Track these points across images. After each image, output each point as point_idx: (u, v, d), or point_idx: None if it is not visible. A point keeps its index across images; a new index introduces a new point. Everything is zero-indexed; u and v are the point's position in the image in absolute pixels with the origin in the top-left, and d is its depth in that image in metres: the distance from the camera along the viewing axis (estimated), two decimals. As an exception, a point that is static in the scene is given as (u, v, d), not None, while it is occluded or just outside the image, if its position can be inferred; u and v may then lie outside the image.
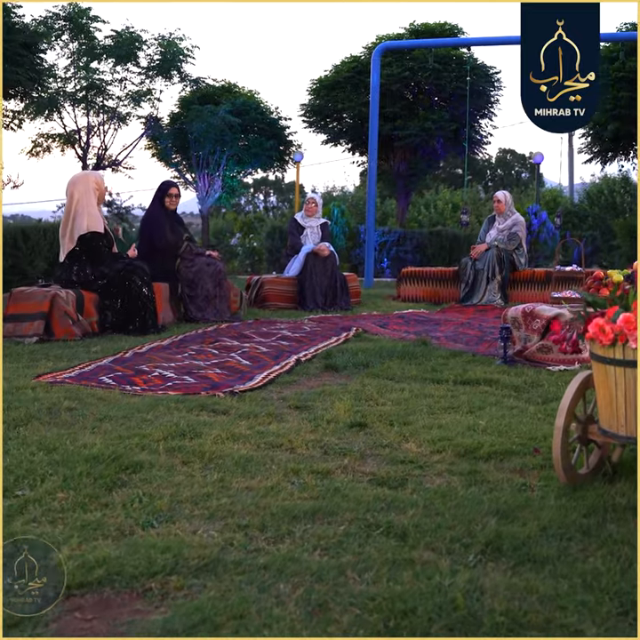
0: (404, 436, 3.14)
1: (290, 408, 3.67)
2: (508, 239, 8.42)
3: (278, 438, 3.08)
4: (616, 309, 2.37)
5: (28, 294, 5.63)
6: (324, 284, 8.05)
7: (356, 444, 3.05)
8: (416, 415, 3.50)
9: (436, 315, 7.65)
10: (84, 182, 5.85)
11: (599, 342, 2.35)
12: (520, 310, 5.00)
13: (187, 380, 4.25)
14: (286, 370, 4.57)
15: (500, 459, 2.87)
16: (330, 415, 3.46)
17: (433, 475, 2.69)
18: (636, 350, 2.28)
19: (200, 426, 3.23)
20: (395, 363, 4.78)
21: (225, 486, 2.55)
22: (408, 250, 12.94)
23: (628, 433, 2.38)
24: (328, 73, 13.62)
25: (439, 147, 12.98)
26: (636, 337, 2.25)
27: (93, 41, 12.60)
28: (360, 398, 3.84)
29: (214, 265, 6.98)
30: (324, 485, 2.55)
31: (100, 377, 4.28)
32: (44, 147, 13.22)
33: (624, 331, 2.28)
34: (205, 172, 13.67)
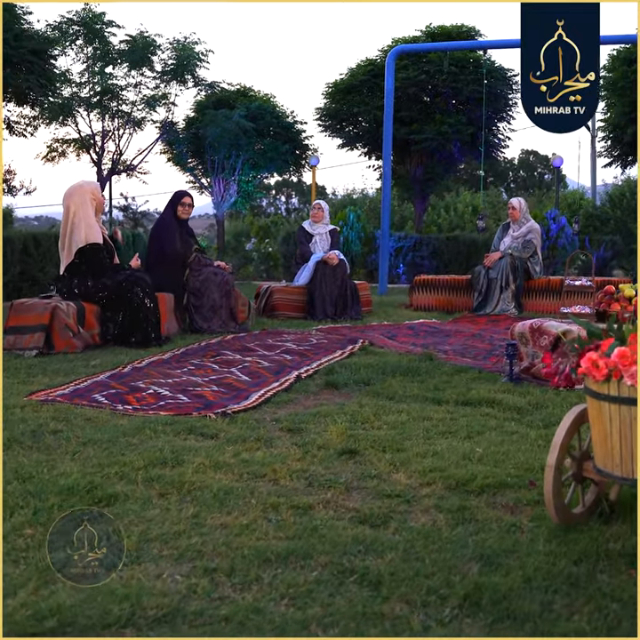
0: (394, 466, 3.01)
1: (282, 431, 3.56)
2: (522, 247, 8.23)
3: (263, 467, 2.96)
4: (611, 342, 2.22)
5: (28, 306, 5.58)
6: (334, 293, 7.93)
7: (344, 474, 2.92)
8: (411, 440, 3.36)
9: (447, 325, 7.49)
10: (80, 193, 5.78)
11: (592, 378, 2.20)
12: (527, 326, 4.84)
13: (180, 398, 4.15)
14: (285, 387, 4.46)
15: (493, 492, 2.73)
16: (321, 440, 3.34)
17: (419, 511, 2.56)
18: (632, 387, 2.13)
19: (184, 452, 3.12)
20: (397, 380, 4.65)
21: (199, 523, 2.44)
22: (424, 255, 12.76)
23: (624, 473, 2.23)
24: (344, 76, 13.48)
25: (456, 151, 12.79)
26: (632, 373, 2.10)
27: (108, 46, 12.60)
28: (356, 420, 3.71)
29: (221, 275, 6.88)
30: (302, 523, 2.43)
31: (94, 394, 4.20)
32: (59, 152, 13.25)
33: (618, 366, 2.13)
34: (221, 176, 13.61)
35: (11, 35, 9.07)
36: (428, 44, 11.72)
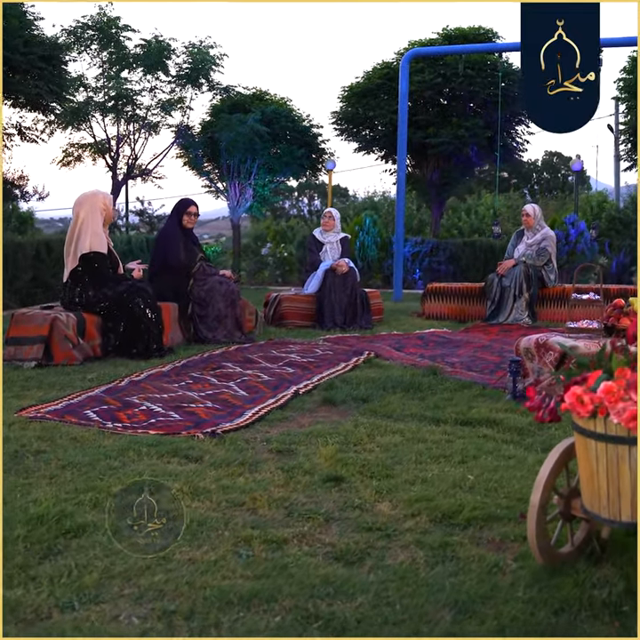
0: (380, 494, 2.89)
1: (270, 452, 3.45)
2: (536, 254, 8.05)
3: (243, 495, 2.86)
4: (598, 375, 2.08)
5: (29, 317, 5.53)
6: (343, 301, 7.81)
7: (326, 503, 2.81)
8: (402, 465, 3.24)
9: (458, 335, 7.34)
10: (92, 202, 5.73)
11: (576, 414, 2.06)
12: (533, 341, 4.68)
13: (172, 416, 4.06)
14: (280, 404, 4.35)
15: (480, 526, 2.60)
16: (309, 464, 3.23)
17: (399, 547, 2.44)
18: (620, 425, 1.99)
19: (164, 477, 3.03)
20: (397, 396, 4.53)
21: (167, 557, 2.34)
22: (441, 260, 12.59)
23: (611, 516, 2.09)
24: (360, 79, 13.35)
25: (473, 155, 12.60)
26: (619, 410, 1.96)
27: (124, 50, 12.60)
28: (348, 442, 3.59)
29: (227, 284, 6.80)
30: (272, 560, 2.32)
31: (86, 410, 4.13)
32: (75, 156, 13.28)
33: (604, 403, 1.99)
34: (236, 180, 13.55)
35: (20, 41, 9.08)
36: (442, 47, 11.55)
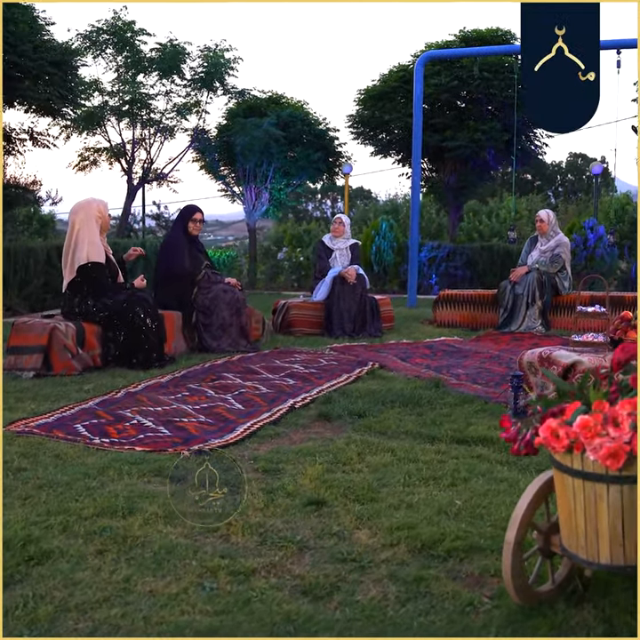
0: (361, 520, 2.78)
1: (256, 472, 3.36)
2: (550, 261, 7.87)
3: (218, 520, 2.77)
4: (576, 407, 1.95)
5: (29, 326, 5.50)
6: (352, 309, 7.69)
7: (303, 530, 2.70)
8: (389, 488, 3.13)
9: (468, 344, 7.19)
10: (86, 210, 5.67)
11: (551, 449, 1.94)
12: (537, 355, 4.54)
13: (162, 431, 3.98)
14: (274, 419, 4.26)
15: (460, 558, 2.48)
16: (292, 486, 3.13)
17: (371, 581, 2.33)
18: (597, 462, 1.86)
19: (141, 499, 2.94)
20: (395, 412, 4.41)
21: (127, 588, 2.26)
22: (458, 265, 12.42)
23: (589, 556, 1.96)
24: (376, 82, 13.22)
25: (490, 158, 12.41)
26: (596, 447, 1.84)
27: (139, 54, 12.61)
28: (337, 461, 3.49)
29: (232, 292, 6.72)
30: (237, 593, 2.23)
31: (76, 424, 4.07)
32: (90, 160, 13.32)
33: (580, 438, 1.86)
34: (252, 184, 13.50)
35: (30, 47, 9.09)
36: (456, 50, 11.38)
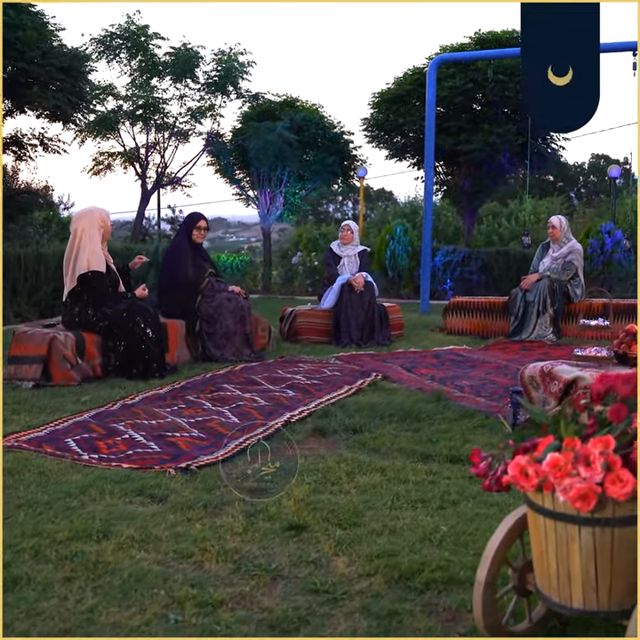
0: (340, 547, 2.70)
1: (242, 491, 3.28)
2: (562, 268, 7.71)
3: (194, 545, 2.70)
4: (549, 443, 1.85)
5: (29, 336, 5.48)
6: (360, 317, 7.59)
7: (279, 557, 2.63)
8: (374, 511, 3.04)
9: (476, 353, 7.07)
10: (89, 218, 5.64)
11: (520, 488, 1.84)
12: (538, 369, 4.42)
13: (152, 447, 3.93)
14: (269, 433, 4.19)
15: (438, 590, 2.39)
16: (275, 508, 3.05)
17: (342, 615, 2.25)
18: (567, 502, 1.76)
19: (118, 521, 2.88)
20: (391, 427, 4.32)
21: (91, 619, 2.20)
22: (473, 270, 12.26)
23: (562, 600, 1.87)
24: (390, 85, 13.10)
25: (505, 162, 12.24)
26: (565, 487, 1.74)
27: (153, 58, 12.62)
28: (326, 481, 3.41)
29: (236, 300, 6.66)
30: (201, 626, 2.16)
31: (67, 439, 4.04)
32: (105, 164, 13.36)
33: (549, 478, 1.77)
34: (267, 189, 13.45)
35: (38, 53, 9.11)
36: (470, 53, 11.23)
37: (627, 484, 1.69)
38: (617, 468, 1.71)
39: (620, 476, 1.70)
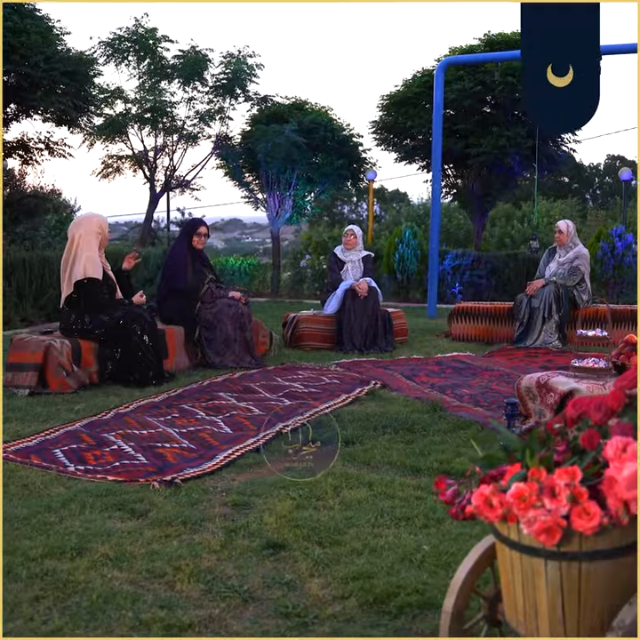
0: (317, 567, 2.64)
1: (224, 506, 3.24)
2: (568, 274, 7.60)
3: (168, 563, 2.65)
4: (515, 472, 1.78)
5: (25, 343, 5.47)
6: (363, 323, 7.52)
7: (253, 577, 2.58)
8: (357, 529, 2.98)
9: (479, 360, 6.97)
10: (87, 225, 5.62)
11: (484, 519, 1.77)
12: (535, 380, 4.34)
13: (139, 458, 3.89)
14: (260, 444, 4.14)
15: (413, 615, 2.33)
16: (256, 525, 3.00)
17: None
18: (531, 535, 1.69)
19: (95, 537, 2.85)
20: (384, 439, 4.25)
21: (54, 644, 2.16)
22: (482, 274, 12.15)
23: (528, 633, 1.79)
24: (399, 88, 13.02)
25: (515, 165, 12.11)
26: (529, 519, 1.67)
27: (162, 61, 12.63)
28: (311, 496, 3.35)
29: (236, 306, 6.61)
30: (165, 654, 2.11)
31: (55, 449, 4.01)
32: (114, 167, 13.39)
33: (513, 509, 1.69)
34: (276, 192, 13.41)
35: (41, 57, 9.11)
36: (477, 55, 11.13)
37: (593, 517, 1.62)
38: (583, 501, 1.64)
39: (586, 508, 1.63)
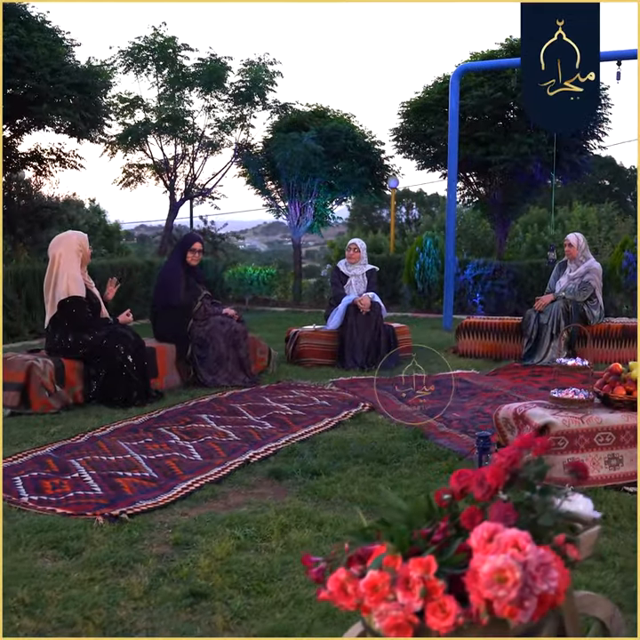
0: (232, 622, 2.53)
1: (164, 545, 3.14)
2: (579, 289, 7.31)
3: (81, 612, 2.56)
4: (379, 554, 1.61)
5: (9, 362, 5.45)
6: (365, 339, 7.35)
7: (163, 632, 2.46)
8: (290, 576, 2.85)
9: (482, 379, 6.75)
10: (67, 243, 5.57)
11: (340, 607, 1.62)
12: (512, 411, 4.14)
13: (94, 489, 3.81)
14: (222, 475, 4.03)
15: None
16: (187, 568, 2.89)
17: None
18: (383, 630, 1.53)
19: (17, 580, 2.77)
20: (353, 470, 4.10)
21: None
22: (504, 284, 11.85)
23: None
24: (420, 94, 12.80)
25: (537, 172, 11.79)
26: (381, 612, 1.50)
27: (182, 70, 12.65)
28: (257, 536, 3.23)
29: (229, 324, 6.52)
30: None
31: (16, 477, 3.97)
32: (135, 176, 13.45)
33: (365, 600, 1.53)
34: (297, 200, 13.32)
35: (47, 70, 9.15)
36: (493, 62, 10.83)
37: (448, 615, 1.44)
38: (438, 596, 1.46)
39: (442, 605, 1.46)
